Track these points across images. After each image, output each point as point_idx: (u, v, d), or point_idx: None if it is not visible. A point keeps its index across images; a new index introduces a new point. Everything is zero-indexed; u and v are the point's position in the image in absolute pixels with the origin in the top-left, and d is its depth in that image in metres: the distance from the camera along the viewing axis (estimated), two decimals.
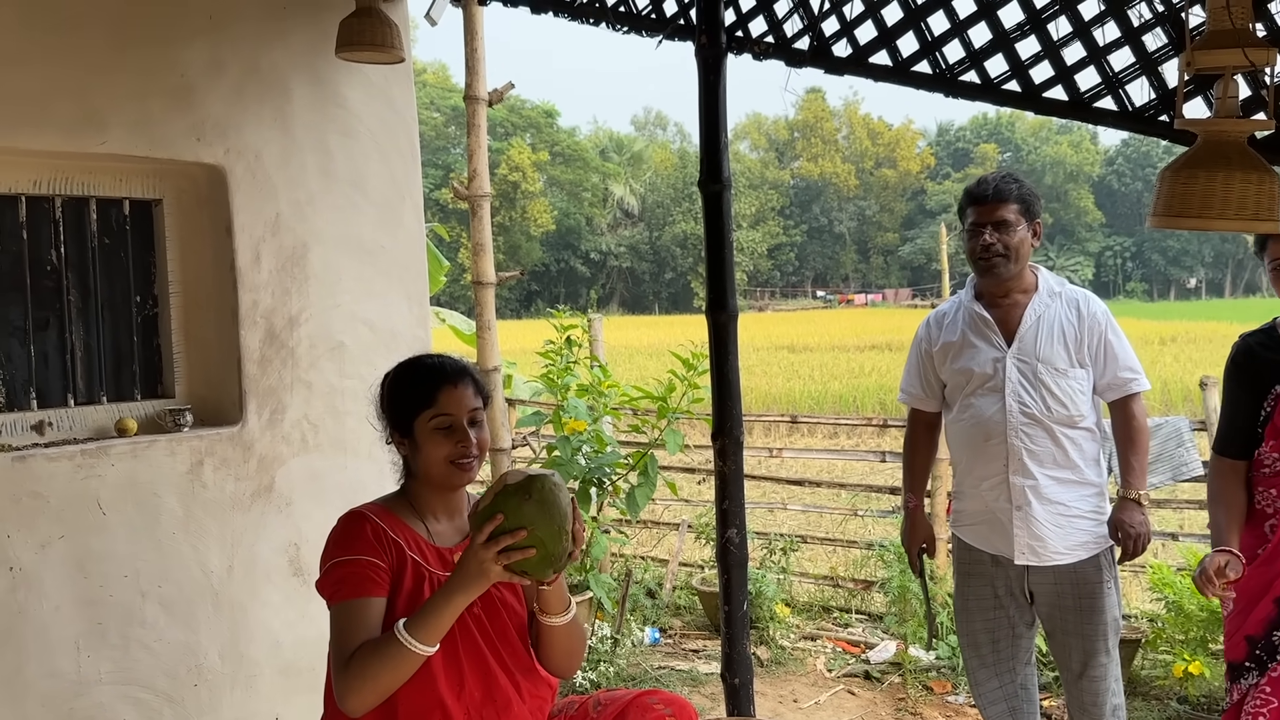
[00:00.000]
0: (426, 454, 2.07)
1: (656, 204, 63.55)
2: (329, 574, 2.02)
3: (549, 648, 2.14)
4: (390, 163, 3.64)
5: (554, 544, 1.86)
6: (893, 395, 15.60)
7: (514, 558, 1.83)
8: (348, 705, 1.92)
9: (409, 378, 2.15)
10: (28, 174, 2.96)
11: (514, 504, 1.85)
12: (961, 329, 2.94)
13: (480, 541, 1.85)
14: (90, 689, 2.89)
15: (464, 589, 1.88)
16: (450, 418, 2.07)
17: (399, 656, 1.88)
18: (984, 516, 2.90)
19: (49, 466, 2.83)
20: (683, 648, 4.83)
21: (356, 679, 1.89)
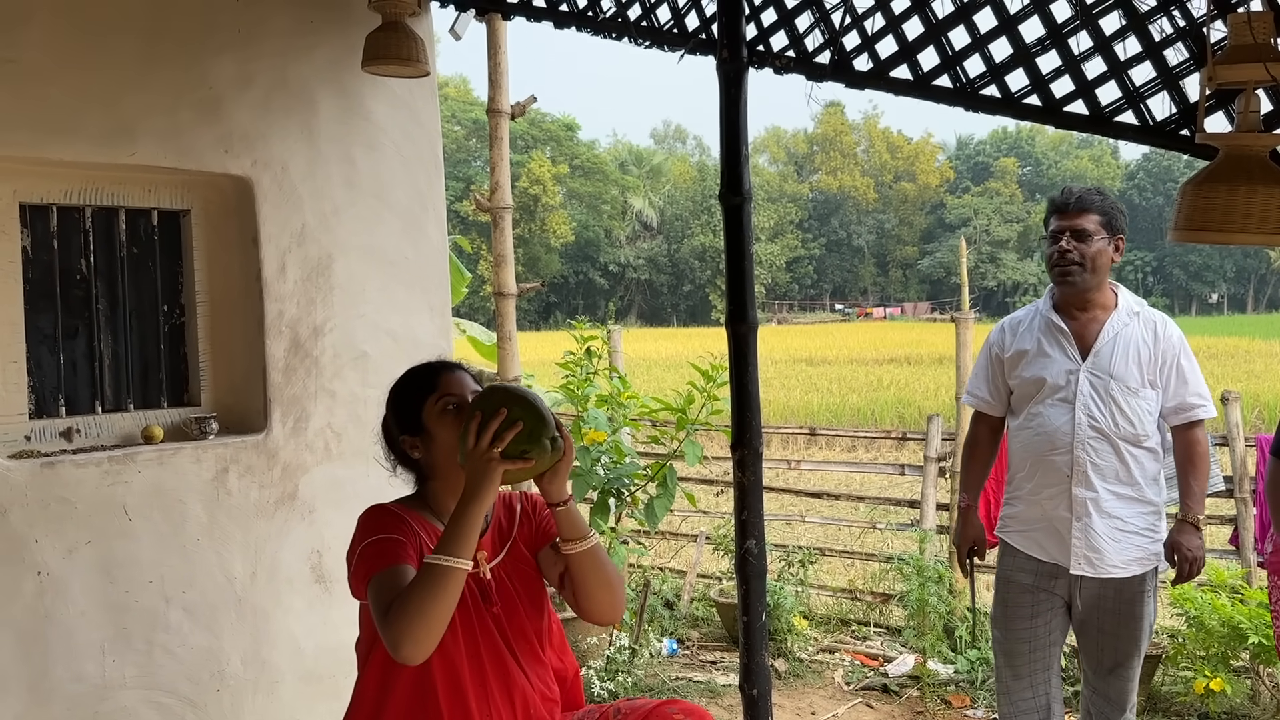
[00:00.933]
0: (440, 438, 2.09)
1: (675, 217, 63.67)
2: (360, 558, 2.02)
3: (583, 584, 2.11)
4: (414, 174, 3.68)
5: (534, 418, 1.93)
6: (911, 409, 15.55)
7: (506, 440, 1.89)
8: (403, 648, 1.86)
9: (407, 378, 2.21)
10: (59, 184, 3.01)
11: (482, 399, 1.97)
12: (1037, 337, 2.97)
13: (471, 443, 1.90)
14: (115, 693, 2.93)
15: (476, 496, 1.91)
16: (456, 398, 2.11)
17: (437, 578, 1.86)
18: (1040, 524, 2.94)
19: (77, 473, 2.87)
20: (700, 659, 4.83)
21: (402, 618, 1.84)
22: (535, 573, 2.24)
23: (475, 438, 1.91)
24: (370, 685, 2.11)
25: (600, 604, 2.16)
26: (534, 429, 1.93)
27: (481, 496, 1.91)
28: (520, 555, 2.22)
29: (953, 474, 5.04)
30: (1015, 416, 3.03)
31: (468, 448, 1.93)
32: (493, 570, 2.16)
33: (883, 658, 4.69)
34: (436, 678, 2.04)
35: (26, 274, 2.96)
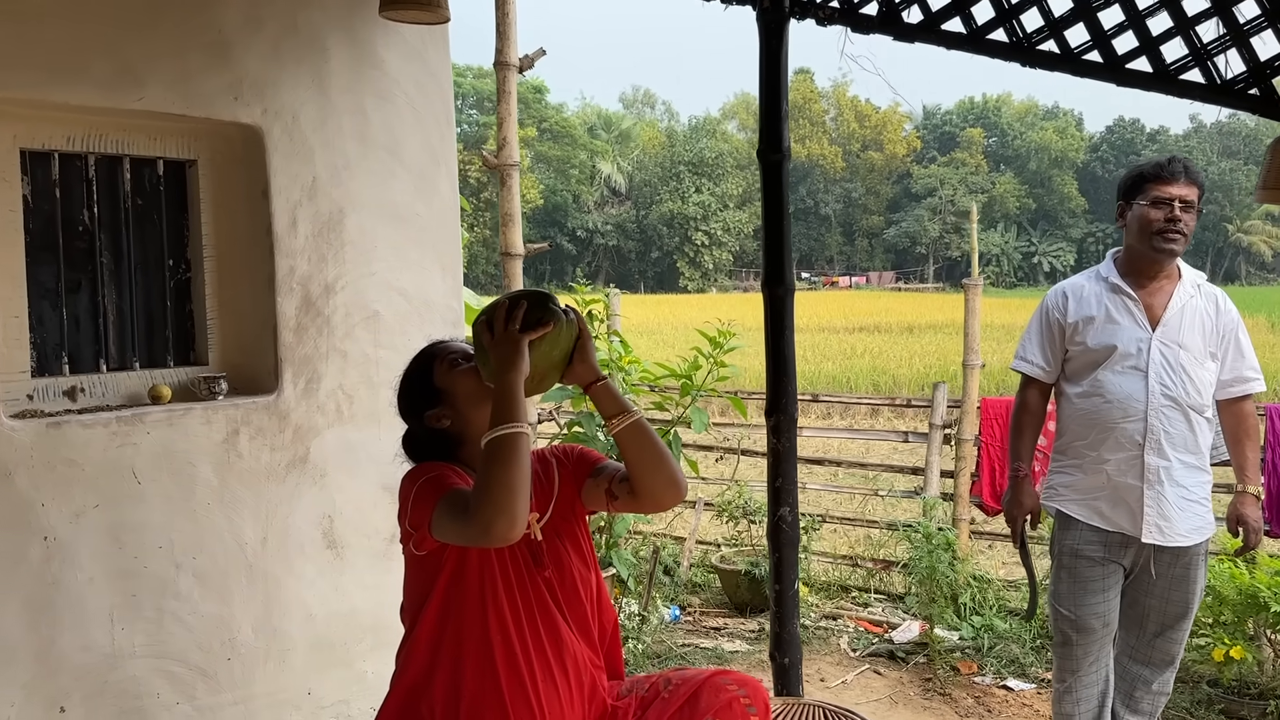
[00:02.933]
0: (460, 391, 2.07)
1: (644, 183, 63.30)
2: (419, 494, 1.96)
3: (637, 466, 2.04)
4: (426, 128, 3.55)
5: (533, 296, 1.97)
6: (886, 377, 15.61)
7: (518, 318, 1.93)
8: (496, 526, 1.79)
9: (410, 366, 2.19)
10: (61, 130, 2.85)
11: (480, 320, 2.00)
12: (1104, 304, 2.94)
13: (489, 337, 1.94)
14: (124, 662, 2.82)
15: (509, 368, 1.90)
16: (459, 353, 2.12)
17: (504, 447, 1.83)
18: (1102, 492, 2.91)
19: (84, 434, 2.74)
20: (703, 625, 4.79)
21: (486, 498, 1.80)
22: (583, 527, 2.19)
23: (491, 329, 1.95)
24: (421, 650, 2.04)
25: (660, 483, 2.05)
26: (537, 300, 1.98)
27: (514, 367, 1.91)
28: (565, 508, 2.17)
29: (958, 441, 5.02)
30: (1073, 383, 2.98)
31: (487, 342, 1.95)
32: (542, 529, 2.10)
33: (886, 624, 4.68)
34: (494, 640, 1.99)
35: (27, 224, 2.80)
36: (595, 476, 2.15)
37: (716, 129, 68.99)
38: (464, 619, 2.02)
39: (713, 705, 2.09)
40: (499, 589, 2.03)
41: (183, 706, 2.94)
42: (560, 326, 1.99)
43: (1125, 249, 2.99)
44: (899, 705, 3.94)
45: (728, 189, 61.05)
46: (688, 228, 59.90)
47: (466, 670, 2.00)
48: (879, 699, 3.98)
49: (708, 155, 61.64)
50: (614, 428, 2.04)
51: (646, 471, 2.04)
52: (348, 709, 3.34)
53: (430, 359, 2.14)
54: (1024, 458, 3.04)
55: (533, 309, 1.97)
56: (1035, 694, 4.02)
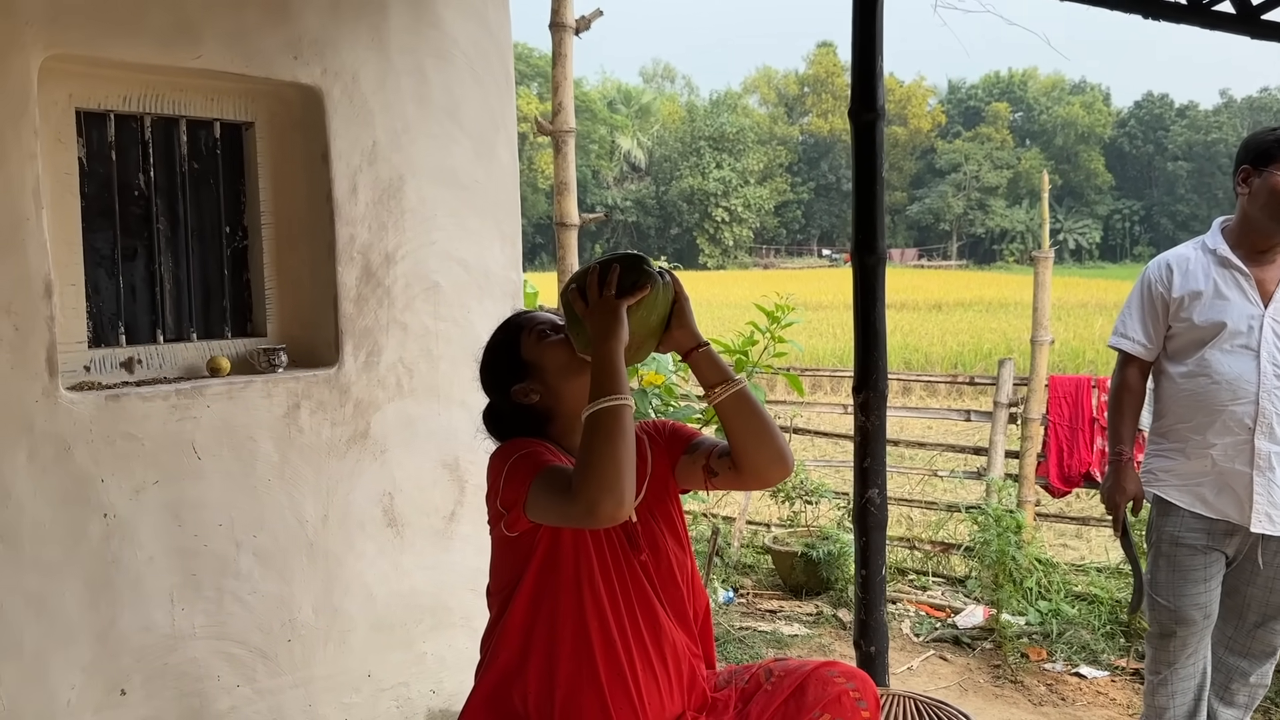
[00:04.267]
0: (550, 364, 1.93)
1: (664, 158, 62.88)
2: (512, 472, 1.83)
3: (740, 438, 1.90)
4: (486, 90, 3.40)
5: (625, 259, 1.86)
6: (918, 355, 15.42)
7: (612, 283, 1.82)
8: (603, 504, 1.67)
9: (492, 339, 2.05)
10: (117, 89, 2.73)
11: (569, 288, 1.89)
12: (1212, 278, 2.76)
13: (583, 307, 1.83)
14: (184, 643, 2.72)
15: (608, 336, 1.78)
16: (546, 324, 1.98)
17: (607, 421, 1.70)
18: (1207, 478, 2.73)
19: (143, 406, 2.63)
20: (758, 607, 4.67)
21: (590, 475, 1.67)
22: (678, 507, 2.07)
23: (584, 298, 1.84)
24: (512, 635, 1.91)
25: (766, 457, 1.91)
26: (630, 263, 1.86)
27: (613, 335, 1.79)
28: (659, 487, 2.03)
29: (1024, 420, 4.87)
30: (1176, 362, 2.81)
31: (581, 311, 1.84)
32: (637, 511, 1.97)
33: (949, 609, 4.54)
34: (590, 626, 1.87)
35: (83, 188, 2.69)
36: (691, 453, 2.02)
37: (737, 103, 68.38)
38: (559, 604, 1.90)
39: (821, 699, 1.96)
40: (595, 573, 1.90)
41: (243, 689, 2.84)
42: (657, 290, 1.86)
43: (1240, 219, 2.80)
44: (969, 693, 3.82)
45: (749, 164, 60.55)
46: (708, 204, 59.50)
47: (561, 657, 1.88)
48: (948, 685, 3.85)
49: (728, 130, 61.12)
50: (715, 397, 1.91)
51: (752, 444, 1.90)
52: (407, 691, 3.24)
53: (516, 330, 2.00)
54: (1125, 440, 2.88)
55: (627, 272, 1.84)
56: (1110, 682, 3.88)
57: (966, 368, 14.31)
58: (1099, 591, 4.38)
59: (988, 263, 58.93)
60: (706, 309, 23.07)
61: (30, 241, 2.43)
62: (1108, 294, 25.67)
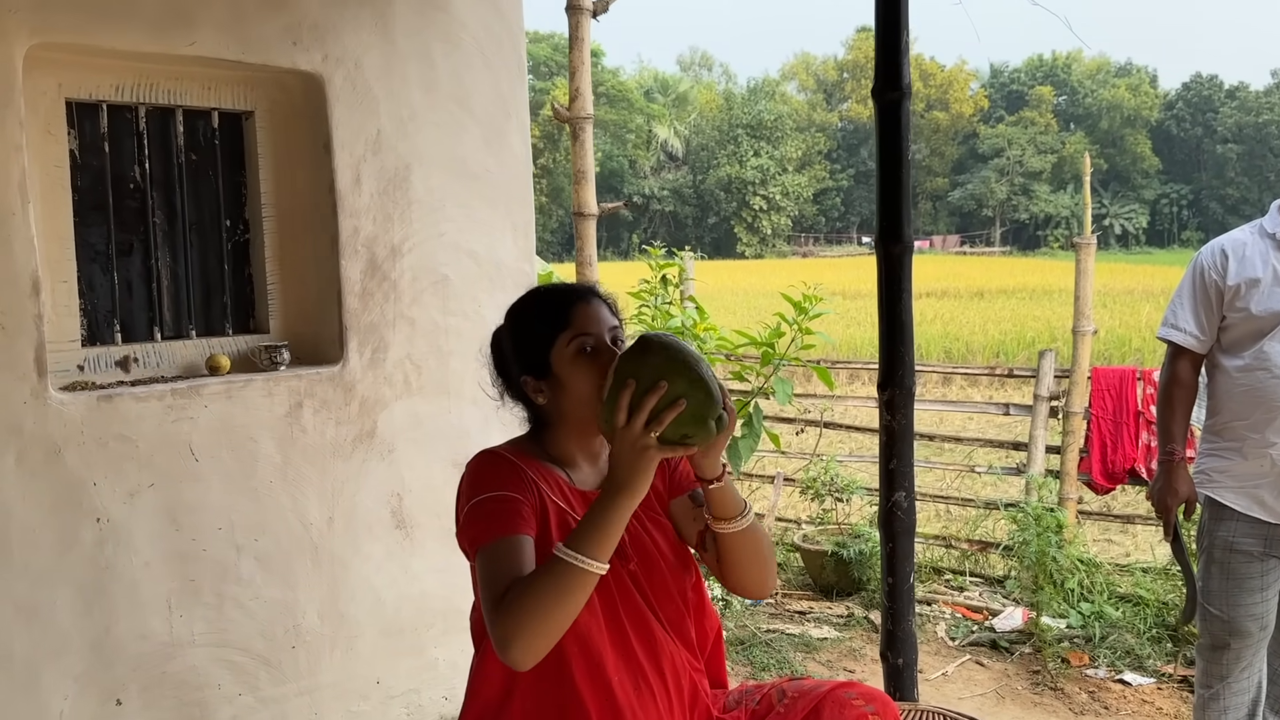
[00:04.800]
0: (573, 388, 1.71)
1: (701, 146, 62.53)
2: (471, 515, 1.68)
3: (732, 563, 1.80)
4: (496, 76, 3.28)
5: (699, 392, 1.51)
6: (959, 344, 15.11)
7: (664, 422, 1.50)
8: (512, 651, 1.54)
9: (534, 305, 1.78)
10: (109, 78, 2.63)
11: (635, 364, 1.53)
12: (1270, 265, 2.56)
13: (622, 420, 1.52)
14: (183, 651, 2.64)
15: (627, 489, 1.54)
16: (592, 337, 1.70)
17: (566, 578, 1.53)
18: (1266, 481, 2.55)
19: (137, 407, 2.54)
20: (786, 608, 4.53)
21: (519, 616, 1.52)
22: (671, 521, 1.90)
23: (627, 414, 1.52)
24: (494, 667, 1.77)
25: (752, 581, 1.83)
26: (699, 408, 1.52)
27: (633, 488, 1.54)
28: (652, 497, 1.88)
29: (1066, 414, 4.67)
30: (1231, 354, 2.62)
31: (616, 424, 1.54)
32: None
33: (986, 610, 4.37)
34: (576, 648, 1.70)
35: (75, 181, 2.60)
36: (695, 503, 1.85)
37: (775, 90, 67.81)
38: None
39: None
40: None
41: (245, 698, 2.75)
42: (706, 442, 1.58)
43: None
44: (1006, 700, 3.65)
45: (787, 152, 60.03)
46: (745, 192, 59.09)
47: (546, 687, 1.74)
48: (984, 693, 3.69)
49: (766, 118, 60.63)
50: (723, 529, 1.74)
51: (748, 574, 1.81)
52: (418, 698, 3.14)
53: (558, 324, 1.72)
54: (1177, 439, 2.69)
55: (682, 422, 1.51)
56: (1155, 689, 3.69)
57: (1009, 357, 13.98)
58: (1145, 593, 4.18)
59: (1032, 249, 57.98)
60: (743, 298, 22.84)
61: (16, 237, 2.34)
62: (1154, 280, 25.07)
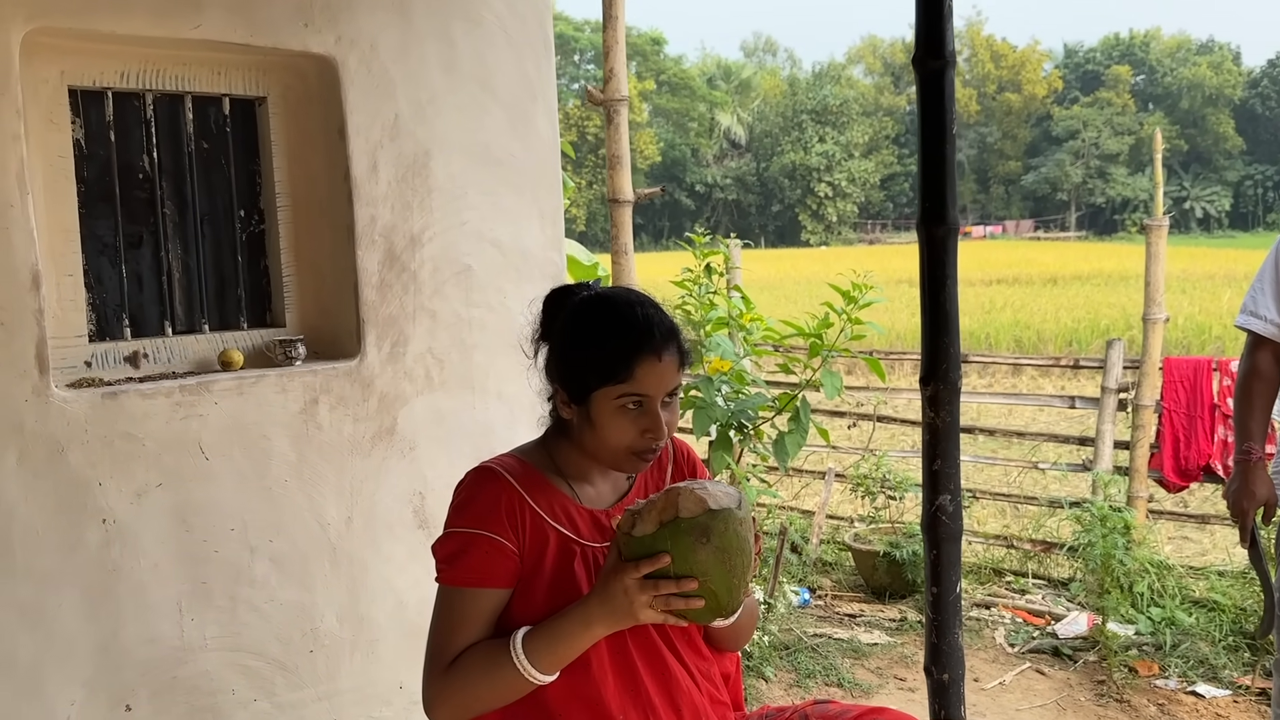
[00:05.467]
0: (602, 434, 1.58)
1: (765, 133, 61.93)
2: (446, 543, 1.62)
3: (716, 637, 1.74)
4: (521, 57, 3.14)
5: (727, 595, 1.47)
6: (1030, 332, 14.66)
7: (675, 605, 1.44)
8: (437, 716, 1.55)
9: (601, 334, 1.59)
10: (114, 64, 2.55)
11: (686, 544, 1.42)
12: None
13: (633, 578, 1.42)
14: (195, 655, 2.56)
15: (604, 620, 1.47)
16: (645, 399, 1.56)
17: (507, 678, 1.50)
18: None
19: (144, 404, 2.46)
20: (836, 611, 4.34)
21: (452, 691, 1.53)
22: None
23: (643, 576, 1.43)
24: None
25: (725, 647, 1.78)
26: (713, 604, 1.46)
27: (608, 626, 1.49)
28: None
29: (1135, 407, 4.40)
30: None
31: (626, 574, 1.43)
32: None
33: (1049, 615, 4.13)
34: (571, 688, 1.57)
35: (80, 172, 2.52)
36: None
37: (841, 75, 66.84)
38: None
39: None
40: None
41: (261, 703, 2.67)
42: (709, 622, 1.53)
43: None
44: (1068, 712, 3.43)
45: (853, 137, 59.13)
46: (810, 179, 58.37)
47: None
48: (1044, 704, 3.47)
49: (832, 103, 59.78)
50: (717, 624, 1.61)
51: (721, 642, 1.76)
52: None
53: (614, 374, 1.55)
54: (1256, 436, 2.46)
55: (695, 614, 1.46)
56: (1231, 702, 3.44)
57: (1082, 346, 13.50)
58: (1221, 598, 3.91)
59: (1108, 234, 56.36)
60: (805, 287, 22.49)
61: (15, 230, 2.27)
62: (1237, 265, 24.10)
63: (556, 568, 1.59)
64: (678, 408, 1.65)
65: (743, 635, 1.77)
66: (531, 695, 1.55)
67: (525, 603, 1.58)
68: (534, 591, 1.58)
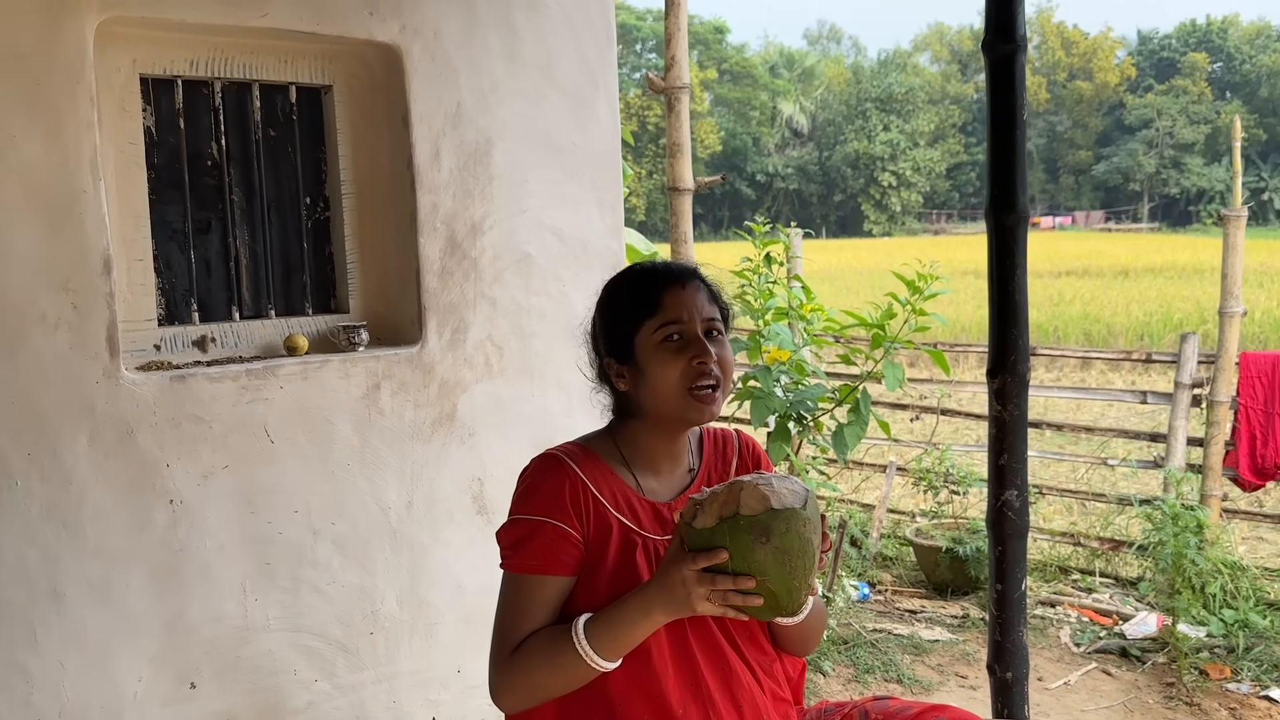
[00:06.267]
0: (654, 379, 1.59)
1: (827, 122, 61.25)
2: (511, 530, 1.62)
3: (779, 641, 1.72)
4: (583, 44, 3.13)
5: (787, 597, 1.43)
6: (1100, 325, 14.31)
7: (732, 601, 1.43)
8: (502, 702, 1.58)
9: (626, 285, 1.68)
10: (184, 53, 2.59)
11: (745, 543, 1.40)
12: None
13: (692, 569, 1.41)
14: (258, 635, 2.60)
15: (663, 608, 1.46)
16: (680, 325, 1.58)
17: (571, 665, 1.50)
18: None
19: (211, 388, 2.51)
20: (896, 606, 4.28)
21: (518, 678, 1.55)
22: None
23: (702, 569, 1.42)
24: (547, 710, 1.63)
25: (795, 651, 1.76)
26: (771, 602, 1.43)
27: (667, 614, 1.48)
28: None
29: (1210, 403, 4.26)
30: None
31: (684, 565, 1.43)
32: None
33: (1116, 615, 4.03)
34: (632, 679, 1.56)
35: (150, 159, 2.57)
36: None
37: (907, 62, 65.81)
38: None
39: None
40: None
41: (321, 684, 2.71)
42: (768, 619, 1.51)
43: None
44: (1135, 714, 3.34)
45: (918, 125, 58.21)
46: (874, 168, 57.60)
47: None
48: (1110, 705, 3.38)
49: (897, 91, 58.89)
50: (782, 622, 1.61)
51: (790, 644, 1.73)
52: None
53: (645, 310, 1.61)
54: None
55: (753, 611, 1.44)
56: None
57: (1154, 340, 13.15)
58: None
59: (1183, 225, 54.79)
60: (867, 277, 22.23)
61: (88, 215, 2.32)
62: None
63: (619, 558, 1.59)
64: (728, 345, 1.64)
65: (811, 639, 1.74)
66: (594, 688, 1.54)
67: (588, 592, 1.57)
68: (597, 581, 1.58)
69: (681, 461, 1.72)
